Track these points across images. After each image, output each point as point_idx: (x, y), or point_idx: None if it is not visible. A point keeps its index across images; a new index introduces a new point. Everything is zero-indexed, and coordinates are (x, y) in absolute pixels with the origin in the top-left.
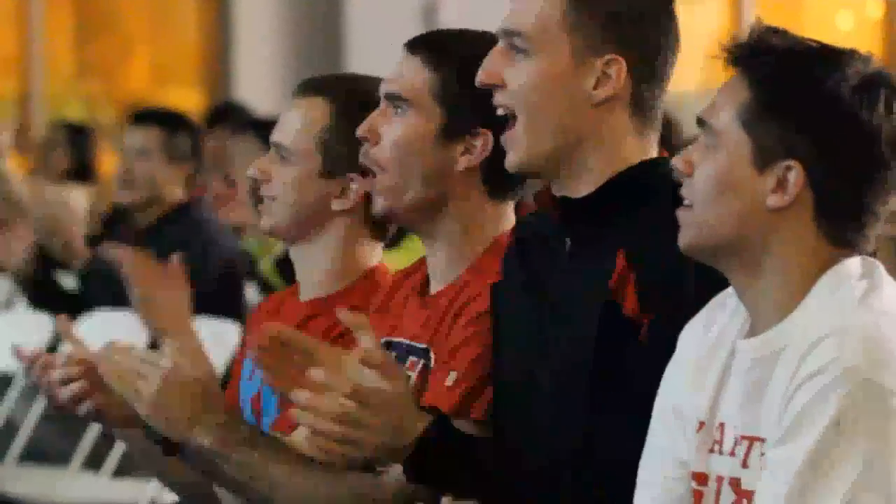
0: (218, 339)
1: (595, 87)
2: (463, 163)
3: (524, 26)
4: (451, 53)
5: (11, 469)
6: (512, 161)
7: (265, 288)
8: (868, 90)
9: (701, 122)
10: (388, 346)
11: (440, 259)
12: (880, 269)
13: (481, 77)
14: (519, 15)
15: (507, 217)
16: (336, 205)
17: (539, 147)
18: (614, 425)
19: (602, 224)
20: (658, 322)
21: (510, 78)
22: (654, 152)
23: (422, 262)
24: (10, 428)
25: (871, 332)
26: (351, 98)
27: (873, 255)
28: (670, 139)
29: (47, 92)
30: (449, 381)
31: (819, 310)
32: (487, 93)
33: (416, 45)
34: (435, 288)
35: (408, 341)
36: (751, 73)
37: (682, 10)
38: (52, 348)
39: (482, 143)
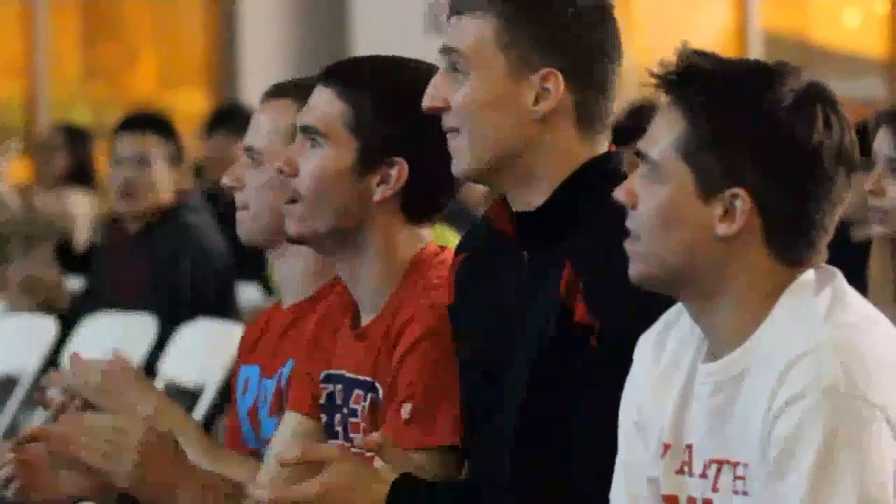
0: (222, 340)
1: (536, 103)
2: (379, 193)
3: (461, 45)
4: (364, 83)
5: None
6: (456, 169)
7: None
8: (804, 107)
9: (639, 153)
10: (329, 378)
11: (365, 289)
12: (838, 277)
13: (426, 102)
14: (456, 34)
15: (424, 237)
16: None
17: (482, 157)
18: (563, 432)
19: (555, 234)
20: (607, 328)
21: (453, 100)
22: (602, 150)
23: (343, 292)
24: (14, 430)
25: (843, 346)
26: None
27: (836, 261)
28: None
29: (53, 95)
30: (405, 414)
31: (785, 330)
32: (402, 121)
33: (330, 76)
34: (365, 318)
35: (349, 374)
36: (683, 101)
37: (688, 11)
38: (55, 351)
39: (398, 172)
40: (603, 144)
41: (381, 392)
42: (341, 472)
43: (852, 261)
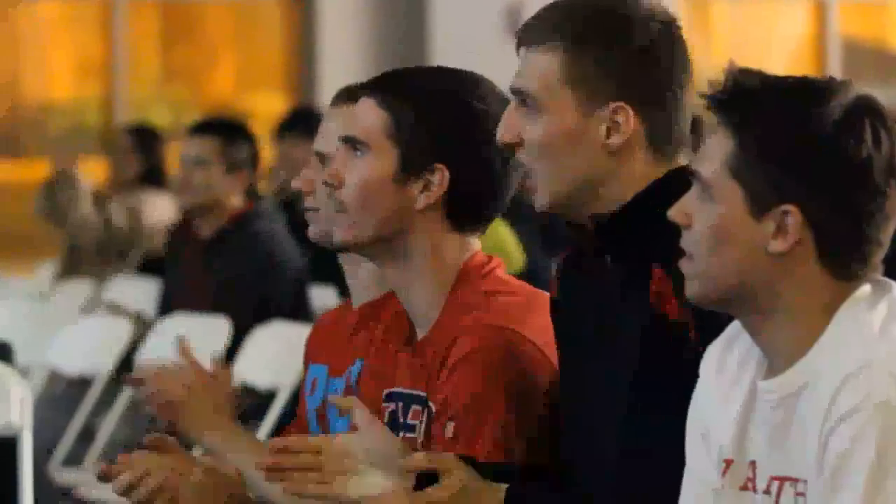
0: (296, 342)
1: (608, 136)
2: (422, 200)
3: (529, 85)
4: (404, 92)
5: (90, 474)
6: (537, 205)
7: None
8: (852, 122)
9: (692, 172)
10: (390, 397)
11: (416, 301)
12: (894, 289)
13: (500, 137)
14: (524, 74)
15: (471, 246)
16: None
17: (559, 193)
18: (660, 429)
19: (635, 239)
20: (707, 322)
21: (526, 136)
22: (679, 164)
23: (391, 304)
24: (89, 430)
25: None
26: None
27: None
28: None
29: (132, 96)
30: (448, 433)
31: (840, 346)
32: (441, 128)
33: (372, 87)
34: (420, 333)
35: (406, 390)
36: (732, 120)
37: (766, 19)
38: (129, 352)
39: (439, 179)
40: (680, 160)
41: (433, 410)
42: (457, 481)
43: None
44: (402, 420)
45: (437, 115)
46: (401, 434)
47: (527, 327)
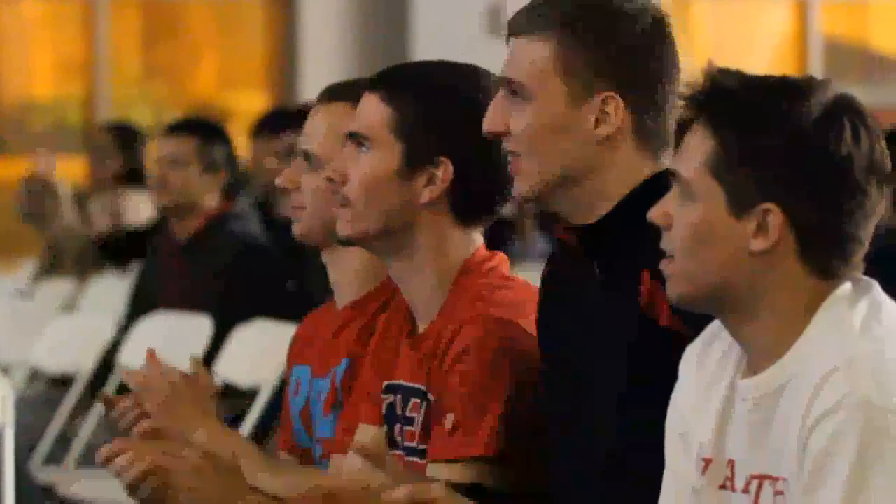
0: (277, 341)
1: (596, 126)
2: (426, 194)
3: (519, 74)
4: (407, 86)
5: (70, 472)
6: (517, 191)
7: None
8: (832, 120)
9: (672, 172)
10: (389, 389)
11: (418, 294)
12: (875, 288)
13: (486, 126)
14: (514, 63)
15: (475, 241)
16: None
17: (544, 181)
18: (655, 434)
19: (623, 245)
20: (701, 329)
21: (513, 124)
22: (666, 164)
23: (402, 300)
24: (69, 430)
25: (877, 359)
26: None
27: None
28: None
29: (113, 95)
30: (448, 425)
31: (821, 344)
32: (444, 121)
33: (375, 82)
34: (421, 326)
35: (406, 383)
36: (712, 119)
37: (748, 18)
38: (111, 350)
39: (443, 173)
40: (664, 159)
41: (432, 401)
42: None
43: None
44: (400, 413)
45: (440, 108)
46: (397, 427)
47: (529, 322)
